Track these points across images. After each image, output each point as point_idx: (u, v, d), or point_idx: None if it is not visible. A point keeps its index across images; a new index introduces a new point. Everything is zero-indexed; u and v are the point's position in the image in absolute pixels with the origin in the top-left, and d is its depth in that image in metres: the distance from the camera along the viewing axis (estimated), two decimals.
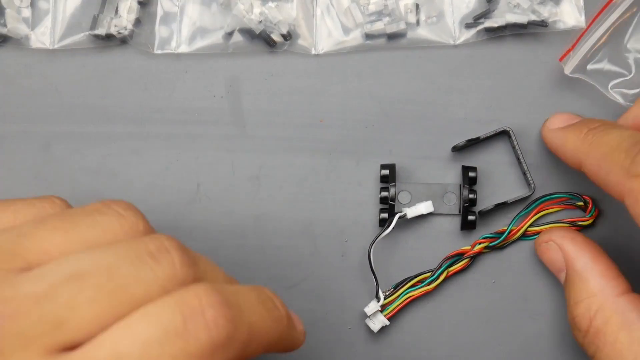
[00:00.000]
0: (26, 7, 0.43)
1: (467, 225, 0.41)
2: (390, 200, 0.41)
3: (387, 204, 0.41)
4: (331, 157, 0.43)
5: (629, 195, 0.32)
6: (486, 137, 0.42)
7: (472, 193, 0.41)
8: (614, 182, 0.34)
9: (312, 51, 0.43)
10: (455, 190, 0.42)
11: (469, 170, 0.41)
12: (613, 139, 0.35)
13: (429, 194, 0.42)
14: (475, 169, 0.41)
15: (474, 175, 0.41)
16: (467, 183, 0.41)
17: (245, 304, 0.26)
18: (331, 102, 0.43)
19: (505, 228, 0.41)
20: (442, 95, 0.43)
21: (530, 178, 0.41)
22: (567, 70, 0.41)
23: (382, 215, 0.41)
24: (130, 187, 0.42)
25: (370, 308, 0.40)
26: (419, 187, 0.42)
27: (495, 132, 0.42)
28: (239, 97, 0.43)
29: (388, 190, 0.41)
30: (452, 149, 0.42)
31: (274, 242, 0.42)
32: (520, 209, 0.42)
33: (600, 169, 0.35)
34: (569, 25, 0.43)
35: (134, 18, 0.42)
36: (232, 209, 0.42)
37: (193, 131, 0.43)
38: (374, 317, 0.41)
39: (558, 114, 0.41)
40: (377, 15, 0.43)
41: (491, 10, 0.43)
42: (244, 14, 0.43)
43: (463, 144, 0.42)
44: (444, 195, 0.42)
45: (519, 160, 0.42)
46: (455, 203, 0.42)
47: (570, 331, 0.37)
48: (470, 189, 0.41)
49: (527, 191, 0.42)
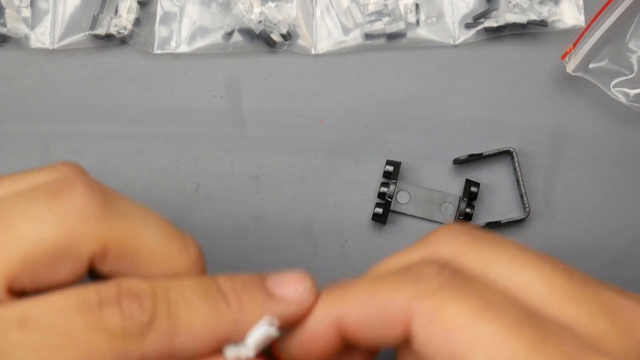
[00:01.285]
0: (26, 7, 0.43)
1: None
2: (388, 197, 0.41)
3: (385, 200, 0.41)
4: (331, 157, 0.43)
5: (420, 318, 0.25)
6: (489, 154, 0.42)
7: (469, 207, 0.41)
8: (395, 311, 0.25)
9: (312, 51, 0.43)
10: (454, 201, 0.42)
11: (472, 184, 0.41)
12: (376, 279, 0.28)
13: (428, 199, 0.42)
14: (478, 185, 0.41)
15: (475, 191, 0.41)
16: (467, 197, 0.41)
17: (178, 299, 0.26)
18: (331, 102, 0.43)
19: None
20: (442, 95, 0.43)
21: (527, 202, 0.41)
22: (569, 69, 0.41)
23: (377, 209, 0.41)
24: (130, 187, 0.42)
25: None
26: (420, 190, 0.42)
27: (498, 150, 0.42)
28: (238, 97, 0.43)
29: (388, 186, 0.41)
30: (453, 161, 0.42)
31: (274, 242, 0.42)
32: (512, 230, 0.42)
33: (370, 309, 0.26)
34: (568, 24, 0.43)
35: (134, 18, 0.42)
36: (232, 209, 0.42)
37: (193, 131, 0.42)
38: None
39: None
40: (377, 15, 0.43)
41: (491, 10, 0.43)
42: (244, 14, 0.43)
43: (465, 157, 0.41)
44: (442, 204, 0.42)
45: (518, 183, 0.42)
46: (452, 214, 0.42)
47: None
48: (469, 203, 0.41)
49: (522, 214, 0.42)
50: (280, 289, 0.28)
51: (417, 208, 0.42)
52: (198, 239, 0.42)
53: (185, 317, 0.26)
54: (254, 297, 0.27)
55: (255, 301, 0.27)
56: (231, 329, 0.26)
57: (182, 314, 0.26)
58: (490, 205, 0.42)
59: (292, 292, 0.28)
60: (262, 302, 0.27)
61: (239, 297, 0.27)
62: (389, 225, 0.42)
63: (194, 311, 0.26)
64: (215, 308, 0.26)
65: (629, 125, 0.43)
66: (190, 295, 0.26)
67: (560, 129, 0.43)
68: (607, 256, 0.42)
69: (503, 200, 0.42)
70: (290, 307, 0.27)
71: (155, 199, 0.42)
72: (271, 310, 0.27)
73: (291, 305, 0.27)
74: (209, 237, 0.42)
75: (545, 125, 0.43)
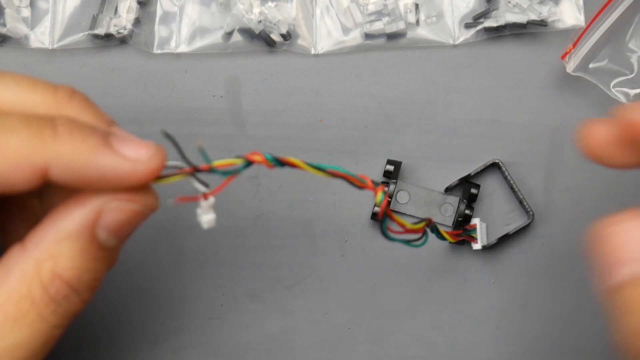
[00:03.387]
0: (26, 6, 0.43)
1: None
2: (388, 197, 0.41)
3: None
4: (331, 157, 0.43)
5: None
6: (476, 172, 0.42)
7: (468, 209, 0.41)
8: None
9: (312, 51, 0.43)
10: (454, 203, 0.42)
11: (472, 186, 0.41)
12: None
13: (428, 199, 0.42)
14: (478, 187, 0.41)
15: (475, 193, 0.41)
16: (467, 198, 0.41)
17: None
18: (331, 102, 0.43)
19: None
20: (442, 95, 0.43)
21: (527, 205, 0.41)
22: (569, 69, 0.41)
23: (376, 209, 0.41)
24: None
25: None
26: (420, 190, 0.42)
27: (484, 166, 0.42)
28: (238, 97, 0.43)
29: (388, 186, 0.41)
30: (445, 190, 0.42)
31: (274, 242, 0.42)
32: (520, 237, 0.42)
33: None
34: (568, 24, 0.43)
35: (134, 18, 0.42)
36: (232, 209, 0.42)
37: (193, 131, 0.42)
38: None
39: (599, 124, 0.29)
40: (377, 15, 0.43)
41: (491, 10, 0.43)
42: (244, 14, 0.43)
43: (456, 183, 0.41)
44: (441, 205, 0.42)
45: (512, 190, 0.42)
46: (451, 215, 0.42)
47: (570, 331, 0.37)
48: (469, 205, 0.41)
49: (526, 218, 0.42)
50: (122, 145, 0.28)
51: (417, 208, 0.42)
52: (198, 239, 0.42)
53: (1, 139, 0.26)
54: (87, 138, 0.27)
55: (87, 143, 0.27)
56: (52, 160, 0.26)
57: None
58: (489, 205, 0.42)
59: (131, 151, 0.28)
60: (95, 147, 0.27)
61: (71, 133, 0.27)
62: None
63: (13, 134, 0.26)
64: (38, 135, 0.26)
65: None
66: (15, 122, 0.26)
67: (560, 129, 0.43)
68: None
69: (502, 201, 0.42)
70: (123, 163, 0.27)
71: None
72: (102, 159, 0.27)
73: (125, 162, 0.27)
74: (209, 237, 0.42)
75: (545, 125, 0.43)
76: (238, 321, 0.41)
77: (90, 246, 0.28)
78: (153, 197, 0.29)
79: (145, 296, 0.41)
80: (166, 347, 0.41)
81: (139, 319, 0.41)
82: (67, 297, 0.28)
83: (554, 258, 0.42)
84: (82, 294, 0.28)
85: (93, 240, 0.28)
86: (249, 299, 0.42)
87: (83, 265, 0.28)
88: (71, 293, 0.28)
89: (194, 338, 0.41)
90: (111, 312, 0.41)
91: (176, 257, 0.42)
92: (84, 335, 0.40)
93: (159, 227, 0.42)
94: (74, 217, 0.27)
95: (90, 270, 0.28)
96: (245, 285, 0.42)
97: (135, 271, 0.41)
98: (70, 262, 0.27)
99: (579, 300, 0.42)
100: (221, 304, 0.41)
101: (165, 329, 0.41)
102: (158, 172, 0.28)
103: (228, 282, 0.42)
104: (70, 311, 0.28)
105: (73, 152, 0.26)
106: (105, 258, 0.29)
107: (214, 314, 0.41)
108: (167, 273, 0.41)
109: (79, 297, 0.28)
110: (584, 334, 0.41)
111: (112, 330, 0.41)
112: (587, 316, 0.41)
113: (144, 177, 0.28)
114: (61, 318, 0.28)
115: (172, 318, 0.41)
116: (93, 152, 0.27)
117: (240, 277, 0.42)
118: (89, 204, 0.27)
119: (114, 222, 0.28)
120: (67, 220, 0.27)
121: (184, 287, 0.41)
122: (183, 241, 0.42)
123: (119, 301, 0.41)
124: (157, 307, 0.41)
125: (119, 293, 0.41)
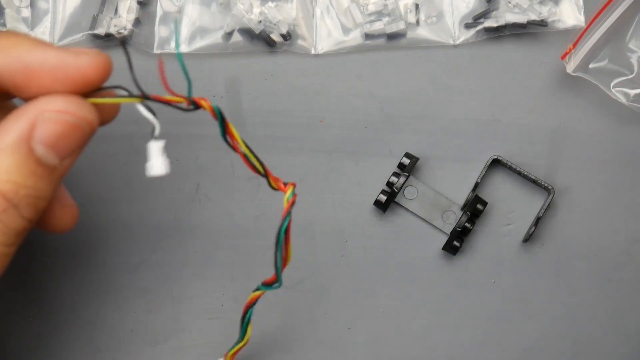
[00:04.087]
0: (26, 7, 0.43)
1: (450, 248, 0.41)
2: (395, 188, 0.41)
3: (391, 189, 0.41)
4: (331, 157, 0.43)
5: None
6: (482, 176, 0.41)
7: (469, 223, 0.41)
8: None
9: (312, 51, 0.43)
10: (457, 212, 0.42)
11: (479, 202, 0.41)
12: None
13: (434, 202, 0.42)
14: (485, 204, 0.41)
15: (481, 209, 0.41)
16: (471, 211, 0.41)
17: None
18: (331, 102, 0.43)
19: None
20: (442, 95, 0.43)
21: (543, 182, 0.41)
22: (569, 69, 0.41)
23: (381, 196, 0.41)
24: (129, 187, 0.42)
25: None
26: (428, 191, 0.42)
27: (486, 165, 0.41)
28: (239, 97, 0.43)
29: (399, 177, 0.41)
30: (462, 208, 0.42)
31: (274, 242, 0.42)
32: (520, 237, 0.42)
33: None
34: (568, 24, 0.43)
35: (134, 18, 0.42)
36: (232, 209, 0.42)
37: (193, 131, 0.42)
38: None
39: None
40: (377, 15, 0.43)
41: (491, 10, 0.43)
42: (244, 14, 0.43)
43: (471, 198, 0.41)
44: (445, 211, 0.42)
45: (522, 175, 0.42)
46: (451, 224, 0.42)
47: (569, 331, 0.37)
48: (471, 218, 0.41)
49: (548, 195, 0.41)
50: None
51: (420, 208, 0.42)
52: (198, 239, 0.42)
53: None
54: (27, 38, 0.29)
55: (27, 40, 0.29)
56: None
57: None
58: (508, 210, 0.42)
59: (73, 51, 0.30)
60: (35, 43, 0.29)
61: (7, 35, 0.29)
62: (388, 223, 0.42)
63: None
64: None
65: (629, 125, 0.43)
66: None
67: (560, 129, 0.43)
68: (607, 256, 0.42)
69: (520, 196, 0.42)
70: (68, 57, 0.30)
71: (155, 199, 0.42)
72: (44, 50, 0.29)
73: (66, 55, 0.30)
74: (209, 237, 0.42)
75: (545, 125, 0.43)
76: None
77: (28, 160, 0.28)
78: (89, 111, 0.29)
79: (145, 296, 0.41)
80: (166, 347, 0.41)
81: (139, 319, 0.41)
82: (5, 212, 0.28)
83: (553, 258, 0.42)
84: (22, 210, 0.28)
85: (30, 154, 0.28)
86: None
87: (20, 180, 0.28)
88: (9, 207, 0.28)
89: (194, 338, 0.41)
90: (111, 312, 0.41)
91: (176, 257, 0.42)
92: (84, 335, 0.40)
93: (159, 228, 0.42)
94: (9, 130, 0.28)
95: (28, 186, 0.28)
96: (245, 285, 0.42)
97: (135, 271, 0.41)
98: (5, 175, 0.28)
99: (579, 300, 0.42)
100: (221, 304, 0.41)
101: (165, 329, 0.41)
102: (98, 75, 0.30)
103: (228, 282, 0.42)
104: (13, 227, 0.29)
105: (14, 46, 0.28)
106: (46, 176, 0.29)
107: (214, 314, 0.41)
108: (167, 273, 0.41)
109: (19, 213, 0.28)
110: (584, 334, 0.41)
111: (112, 330, 0.41)
112: (587, 316, 0.41)
113: (83, 72, 0.30)
114: (4, 235, 0.28)
115: (172, 318, 0.41)
116: (33, 46, 0.28)
117: (241, 277, 0.42)
118: (24, 117, 0.28)
119: (49, 134, 0.28)
120: (2, 133, 0.28)
121: (184, 287, 0.41)
122: (183, 241, 0.42)
123: (118, 301, 0.41)
124: (157, 307, 0.41)
125: (119, 293, 0.41)
